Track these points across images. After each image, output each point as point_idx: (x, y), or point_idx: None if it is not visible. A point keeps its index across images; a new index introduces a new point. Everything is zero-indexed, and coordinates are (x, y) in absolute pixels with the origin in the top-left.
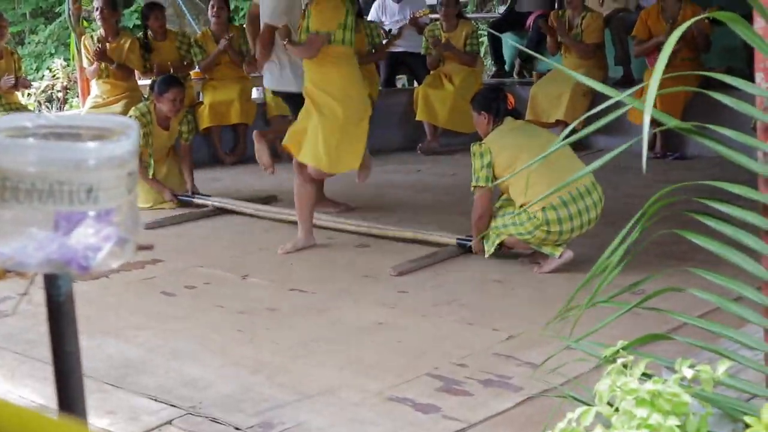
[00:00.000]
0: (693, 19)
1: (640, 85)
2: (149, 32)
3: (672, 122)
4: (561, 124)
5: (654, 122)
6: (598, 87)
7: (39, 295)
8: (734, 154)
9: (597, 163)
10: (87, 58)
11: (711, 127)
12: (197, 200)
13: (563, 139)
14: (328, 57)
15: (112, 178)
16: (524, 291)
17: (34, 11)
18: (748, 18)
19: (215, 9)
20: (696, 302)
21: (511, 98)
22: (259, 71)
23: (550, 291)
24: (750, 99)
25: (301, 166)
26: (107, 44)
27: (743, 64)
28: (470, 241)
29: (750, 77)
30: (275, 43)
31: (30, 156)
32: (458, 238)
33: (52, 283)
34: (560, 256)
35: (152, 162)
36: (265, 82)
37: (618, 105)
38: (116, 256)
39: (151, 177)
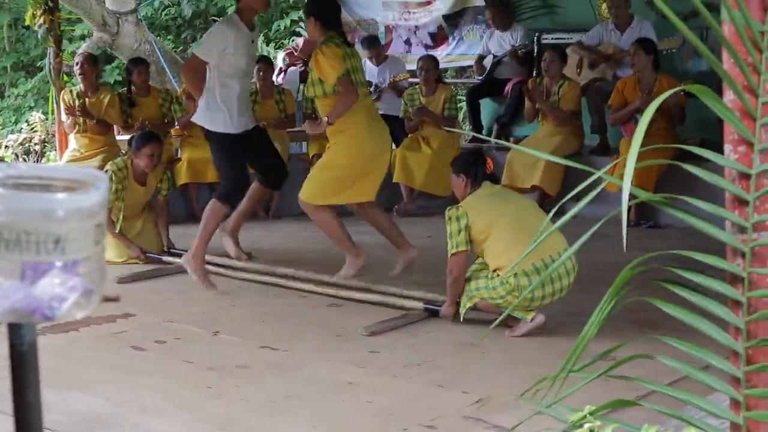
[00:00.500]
0: (669, 92)
1: (618, 160)
2: (133, 87)
3: (644, 195)
4: (537, 189)
5: (629, 194)
6: (575, 164)
7: (4, 347)
8: (703, 224)
9: (581, 240)
10: (65, 112)
11: (681, 198)
12: (165, 258)
13: (550, 219)
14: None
15: (80, 230)
16: (496, 354)
17: (15, 65)
18: (721, 90)
19: None
20: (665, 370)
21: (490, 162)
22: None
23: (522, 354)
24: (722, 170)
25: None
26: (87, 99)
27: (717, 136)
28: (438, 306)
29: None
30: (211, 83)
31: None
32: (425, 303)
33: (15, 332)
34: (532, 320)
35: (121, 217)
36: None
37: (596, 177)
38: (81, 306)
39: (118, 232)
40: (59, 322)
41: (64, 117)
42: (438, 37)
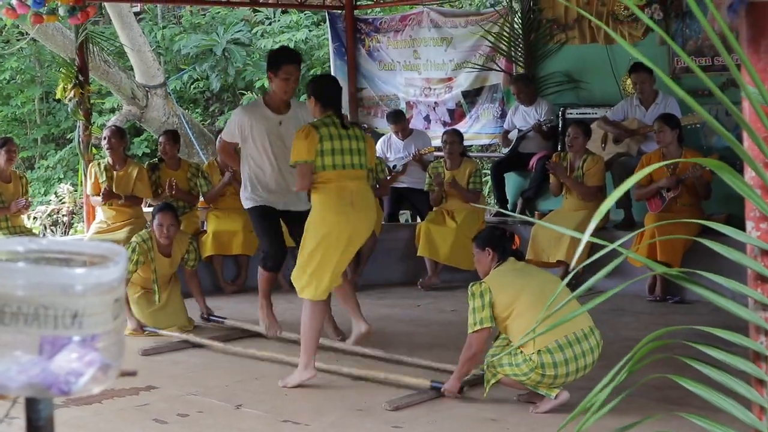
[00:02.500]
0: (688, 160)
1: (641, 230)
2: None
3: (659, 269)
4: (562, 264)
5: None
6: (594, 239)
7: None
8: (725, 300)
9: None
10: (91, 185)
11: (698, 272)
12: (163, 332)
13: (565, 284)
14: (315, 184)
15: (98, 304)
16: (519, 431)
17: (46, 137)
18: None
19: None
20: None
21: (517, 239)
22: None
23: (545, 431)
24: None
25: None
26: (114, 172)
27: (743, 212)
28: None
29: None
30: (242, 161)
31: (18, 280)
32: (432, 381)
33: (32, 407)
34: (556, 397)
35: (156, 288)
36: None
37: (618, 250)
38: (98, 381)
39: (156, 302)
40: (81, 394)
41: (89, 190)
42: (456, 114)
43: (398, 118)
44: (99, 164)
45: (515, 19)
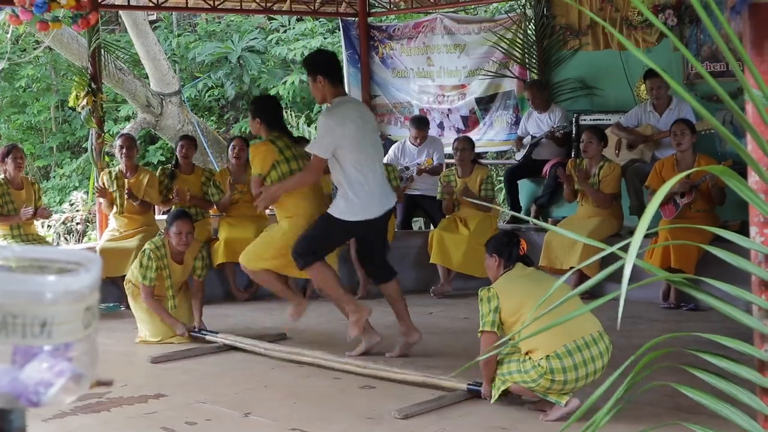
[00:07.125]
0: (690, 171)
1: (654, 229)
2: (179, 162)
3: (662, 274)
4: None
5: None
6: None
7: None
8: (729, 307)
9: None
10: (95, 193)
11: (707, 280)
12: (209, 336)
13: (572, 288)
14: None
15: (68, 313)
16: None
17: (61, 145)
18: None
19: (236, 150)
20: None
21: (524, 244)
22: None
23: None
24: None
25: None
26: (126, 180)
27: None
28: (480, 386)
29: None
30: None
31: None
32: (469, 384)
33: (4, 418)
34: (566, 405)
35: (171, 294)
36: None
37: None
38: (70, 391)
39: (174, 308)
40: (90, 402)
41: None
42: (469, 121)
43: (422, 124)
44: (110, 173)
45: (529, 25)
